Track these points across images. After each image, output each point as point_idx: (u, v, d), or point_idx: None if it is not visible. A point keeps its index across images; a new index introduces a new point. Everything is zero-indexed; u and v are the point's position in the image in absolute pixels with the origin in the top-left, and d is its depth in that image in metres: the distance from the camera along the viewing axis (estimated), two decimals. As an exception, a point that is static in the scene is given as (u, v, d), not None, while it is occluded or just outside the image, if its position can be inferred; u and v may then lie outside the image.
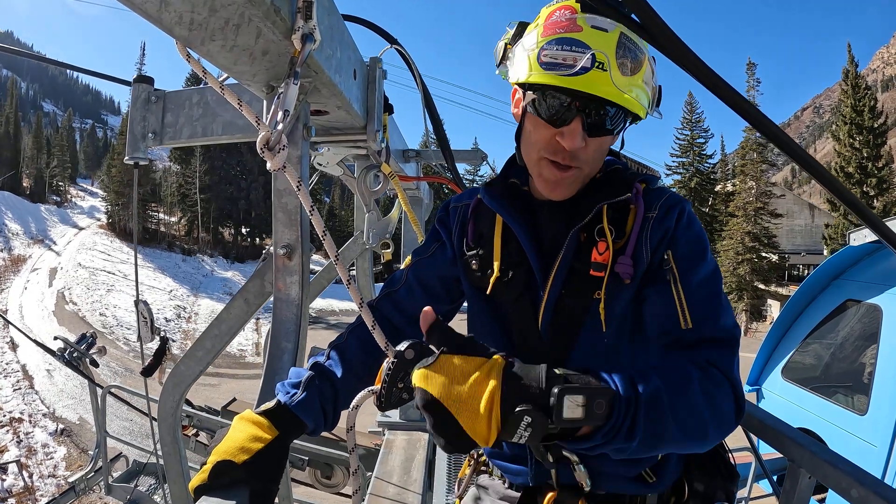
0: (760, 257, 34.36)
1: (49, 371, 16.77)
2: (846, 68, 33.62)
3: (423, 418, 0.77)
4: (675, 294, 0.98)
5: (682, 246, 1.02)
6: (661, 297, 1.00)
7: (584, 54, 0.93)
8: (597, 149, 1.03)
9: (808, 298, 5.57)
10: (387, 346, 0.99)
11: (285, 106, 0.97)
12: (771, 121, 0.93)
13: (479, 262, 1.17)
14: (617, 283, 1.02)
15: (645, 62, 1.00)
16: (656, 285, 1.01)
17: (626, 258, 1.01)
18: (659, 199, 1.07)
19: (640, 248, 1.03)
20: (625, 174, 1.12)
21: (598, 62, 0.93)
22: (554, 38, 0.96)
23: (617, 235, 1.04)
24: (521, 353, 1.08)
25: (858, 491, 1.24)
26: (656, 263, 1.02)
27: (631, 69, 0.96)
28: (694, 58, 0.88)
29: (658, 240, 1.03)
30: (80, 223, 49.39)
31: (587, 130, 0.98)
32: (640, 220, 1.04)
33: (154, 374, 2.27)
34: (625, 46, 0.96)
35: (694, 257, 1.01)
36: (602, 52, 0.93)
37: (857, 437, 4.21)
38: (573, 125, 0.98)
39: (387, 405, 0.96)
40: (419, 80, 2.09)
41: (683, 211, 1.05)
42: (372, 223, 2.05)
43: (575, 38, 0.95)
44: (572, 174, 1.03)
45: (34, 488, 10.88)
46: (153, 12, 0.91)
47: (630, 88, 0.97)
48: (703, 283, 1.00)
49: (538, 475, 1.15)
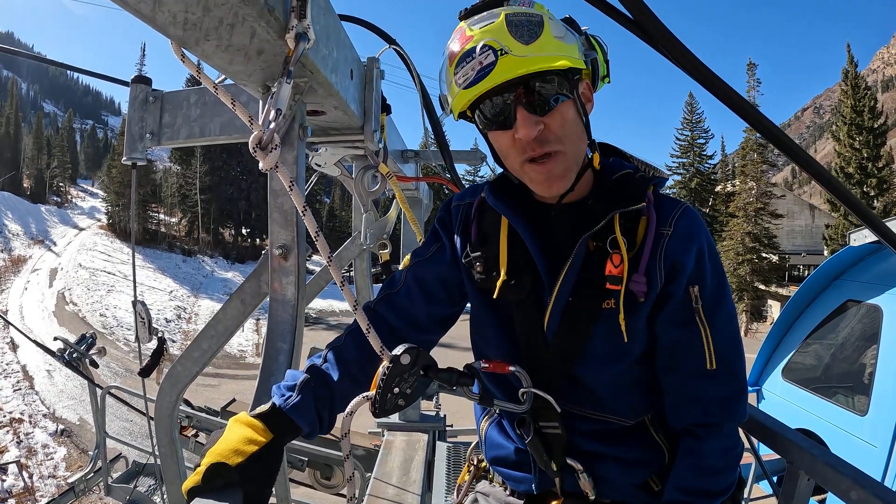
0: (761, 258, 34.34)
1: (49, 372, 16.79)
2: (846, 68, 33.59)
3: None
4: (704, 336, 1.03)
5: (710, 284, 1.04)
6: (690, 338, 1.04)
7: (483, 54, 0.94)
8: (562, 123, 1.00)
9: (809, 299, 5.56)
10: (382, 350, 0.97)
11: (278, 105, 0.97)
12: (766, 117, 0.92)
13: (483, 264, 1.14)
14: (631, 298, 1.02)
15: (545, 21, 0.96)
16: (684, 326, 1.04)
17: (640, 276, 1.00)
18: (672, 213, 1.05)
19: (653, 266, 1.02)
20: (635, 179, 1.09)
21: (498, 50, 0.93)
22: (458, 60, 0.99)
23: (628, 246, 1.02)
24: (526, 359, 1.08)
25: (858, 493, 1.24)
26: (678, 296, 1.03)
27: (529, 36, 0.94)
28: (692, 57, 0.88)
29: (671, 265, 1.02)
30: (80, 224, 49.47)
31: (535, 112, 0.97)
32: (654, 234, 1.03)
33: (152, 375, 2.26)
34: (513, 23, 0.95)
35: (719, 294, 1.05)
36: (495, 39, 0.94)
37: (858, 438, 4.20)
38: (519, 116, 0.97)
39: (381, 412, 0.94)
40: (417, 80, 2.09)
41: (704, 241, 1.04)
42: (369, 223, 2.05)
43: (469, 47, 0.97)
44: (555, 161, 1.01)
45: (34, 489, 10.89)
46: (147, 12, 0.91)
47: (540, 51, 0.94)
48: (727, 322, 1.05)
49: (542, 483, 1.14)
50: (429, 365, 0.96)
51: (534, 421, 1.08)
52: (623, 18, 0.90)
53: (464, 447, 3.52)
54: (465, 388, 1.00)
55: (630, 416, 1.10)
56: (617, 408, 1.09)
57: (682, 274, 1.02)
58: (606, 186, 1.09)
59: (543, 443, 1.08)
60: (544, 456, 1.08)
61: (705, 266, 1.03)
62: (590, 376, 1.07)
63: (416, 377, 0.95)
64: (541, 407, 1.06)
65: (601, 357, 1.05)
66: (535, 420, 1.08)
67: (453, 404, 5.25)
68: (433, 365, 0.97)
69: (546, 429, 1.08)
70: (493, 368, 1.02)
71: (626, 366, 1.07)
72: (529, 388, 1.02)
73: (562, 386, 1.07)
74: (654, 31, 0.86)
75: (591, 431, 1.10)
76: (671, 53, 0.88)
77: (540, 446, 1.08)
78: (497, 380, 1.16)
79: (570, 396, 1.08)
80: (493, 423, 1.25)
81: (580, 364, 1.06)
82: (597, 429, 1.10)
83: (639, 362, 1.08)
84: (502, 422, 1.22)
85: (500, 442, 1.21)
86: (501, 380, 1.14)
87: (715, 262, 1.05)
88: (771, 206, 35.24)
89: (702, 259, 1.03)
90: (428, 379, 0.97)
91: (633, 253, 1.03)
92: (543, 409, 1.06)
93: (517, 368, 1.02)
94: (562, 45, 0.97)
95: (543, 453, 1.08)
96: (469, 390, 1.01)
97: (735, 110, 0.94)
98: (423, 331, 1.23)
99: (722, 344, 1.03)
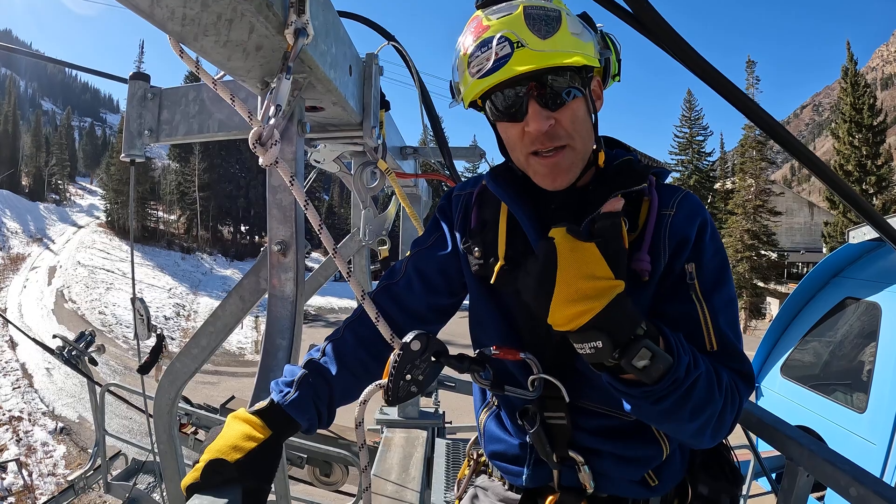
0: (760, 255, 34.35)
1: (48, 369, 16.77)
2: (845, 66, 33.55)
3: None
4: (701, 314, 0.99)
5: (708, 262, 1.02)
6: (686, 314, 1.00)
7: (500, 45, 0.94)
8: (572, 119, 1.00)
9: (808, 296, 5.56)
10: (392, 338, 0.98)
11: (277, 101, 0.97)
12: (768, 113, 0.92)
13: (482, 251, 1.14)
14: (634, 279, 1.00)
15: (562, 17, 0.96)
16: (680, 302, 1.01)
17: (644, 254, 1.00)
18: (674, 196, 1.05)
19: (657, 245, 1.01)
20: (636, 165, 1.09)
21: (515, 42, 0.93)
22: (473, 49, 0.99)
23: (630, 228, 1.02)
24: (529, 346, 1.08)
25: (857, 489, 1.24)
26: (676, 272, 1.01)
27: (546, 31, 0.94)
28: (693, 53, 0.88)
29: (676, 243, 1.01)
30: (79, 221, 49.36)
31: (547, 107, 0.98)
32: (656, 215, 1.03)
33: (151, 372, 2.26)
34: (531, 16, 0.95)
35: (719, 276, 1.02)
36: (512, 31, 0.94)
37: (856, 435, 4.21)
38: (530, 110, 0.98)
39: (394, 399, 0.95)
40: (416, 76, 2.08)
41: (706, 221, 1.04)
42: (368, 220, 2.04)
43: (486, 37, 0.96)
44: (563, 155, 1.01)
45: (34, 487, 10.89)
46: (145, 8, 0.91)
47: (556, 46, 0.94)
48: (728, 305, 1.01)
49: (536, 476, 1.14)
50: (440, 351, 0.96)
51: (539, 411, 1.08)
52: (624, 13, 0.90)
53: (463, 444, 3.52)
54: (477, 375, 1.01)
55: None
56: (619, 400, 1.09)
57: (683, 251, 1.02)
58: (607, 172, 1.09)
59: (547, 434, 1.08)
60: (547, 447, 1.08)
61: (705, 245, 1.03)
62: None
63: (428, 363, 0.96)
64: (548, 396, 1.05)
65: None
66: (541, 410, 1.08)
67: (452, 401, 5.26)
68: (444, 351, 0.97)
69: (551, 419, 1.08)
70: (504, 355, 1.02)
71: None
72: (540, 374, 1.02)
73: (565, 377, 1.07)
74: (654, 27, 0.86)
75: (593, 427, 1.10)
76: (673, 49, 0.88)
77: (543, 437, 1.08)
78: (499, 371, 1.15)
79: (573, 388, 1.07)
80: (492, 416, 1.25)
81: None
82: (599, 424, 1.10)
83: None
84: (501, 415, 1.22)
85: (499, 435, 1.21)
86: (504, 370, 1.13)
87: (716, 244, 1.04)
88: (770, 204, 35.23)
89: (702, 237, 1.03)
90: (440, 365, 0.97)
91: (636, 235, 1.03)
92: (550, 399, 1.06)
93: (527, 355, 1.02)
94: (578, 41, 0.97)
95: (546, 444, 1.08)
96: (480, 376, 1.01)
97: (737, 106, 0.94)
98: (422, 321, 1.23)
99: (722, 326, 1.00)
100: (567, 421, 1.08)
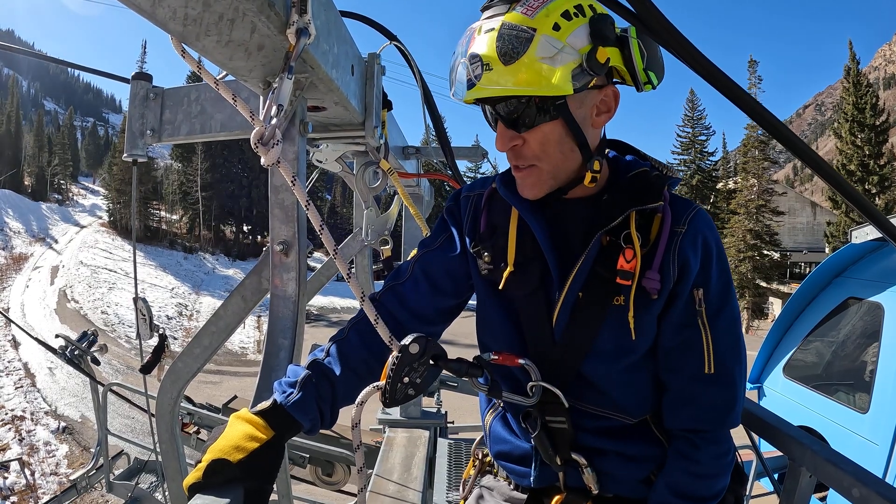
0: (762, 255, 34.29)
1: (51, 369, 16.81)
2: (848, 66, 33.48)
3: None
4: (705, 339, 1.02)
5: (714, 285, 1.03)
6: (690, 340, 1.03)
7: (474, 64, 0.95)
8: (542, 142, 1.00)
9: (810, 296, 5.55)
10: (391, 340, 0.97)
11: (279, 100, 0.97)
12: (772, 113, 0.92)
13: (491, 255, 1.13)
14: (643, 294, 1.01)
15: (534, 39, 0.91)
16: (686, 326, 1.03)
17: (654, 273, 1.00)
18: (686, 212, 1.05)
19: (667, 263, 1.02)
20: (652, 177, 1.08)
21: (485, 64, 0.94)
22: (458, 59, 1.00)
23: (642, 243, 1.02)
24: (533, 354, 1.08)
25: (860, 490, 1.23)
26: (684, 296, 1.03)
27: (510, 56, 0.92)
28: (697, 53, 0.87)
29: (685, 264, 1.02)
30: (81, 221, 49.49)
31: (514, 127, 1.00)
32: (668, 232, 1.02)
33: (153, 372, 2.27)
34: (503, 37, 0.92)
35: (724, 298, 1.04)
36: (486, 52, 0.94)
37: (859, 436, 4.19)
38: (498, 129, 1.02)
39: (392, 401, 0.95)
40: (419, 76, 2.08)
41: (715, 241, 1.05)
42: (370, 220, 2.04)
43: (471, 51, 0.97)
44: (528, 173, 1.05)
45: (36, 486, 10.91)
46: (147, 7, 0.90)
47: (515, 74, 0.92)
48: (730, 326, 1.04)
49: (543, 477, 1.14)
50: (438, 354, 0.96)
51: (540, 415, 1.08)
52: (627, 13, 0.89)
53: (465, 444, 3.52)
54: (474, 380, 1.01)
55: (634, 414, 1.10)
56: (621, 405, 1.09)
57: (690, 274, 1.02)
58: (622, 183, 1.08)
59: (549, 437, 1.08)
60: (549, 450, 1.08)
61: (712, 269, 1.03)
62: (595, 372, 1.07)
63: (426, 367, 0.96)
64: (548, 401, 1.06)
65: (608, 353, 1.05)
66: (542, 414, 1.08)
67: (454, 401, 5.26)
68: (443, 354, 0.97)
69: (552, 423, 1.08)
70: (503, 361, 1.02)
71: (632, 363, 1.06)
72: (538, 381, 1.03)
73: (567, 381, 1.07)
74: (658, 27, 0.85)
75: (595, 428, 1.10)
76: (676, 49, 0.87)
77: (546, 441, 1.08)
78: (503, 373, 1.15)
79: (575, 392, 1.08)
80: (498, 416, 1.25)
81: (587, 360, 1.06)
82: (600, 425, 1.10)
83: (644, 360, 1.08)
84: (506, 416, 1.22)
85: (504, 436, 1.21)
86: (508, 373, 1.13)
87: (722, 266, 1.05)
88: (772, 204, 35.17)
89: (709, 262, 1.03)
90: (438, 368, 0.97)
91: (647, 250, 1.02)
92: (550, 404, 1.06)
93: (526, 361, 1.02)
94: (543, 68, 0.92)
95: (549, 448, 1.08)
96: (478, 381, 1.01)
97: (739, 105, 0.93)
98: (427, 322, 1.22)
99: (722, 349, 1.03)
100: (568, 425, 1.08)
